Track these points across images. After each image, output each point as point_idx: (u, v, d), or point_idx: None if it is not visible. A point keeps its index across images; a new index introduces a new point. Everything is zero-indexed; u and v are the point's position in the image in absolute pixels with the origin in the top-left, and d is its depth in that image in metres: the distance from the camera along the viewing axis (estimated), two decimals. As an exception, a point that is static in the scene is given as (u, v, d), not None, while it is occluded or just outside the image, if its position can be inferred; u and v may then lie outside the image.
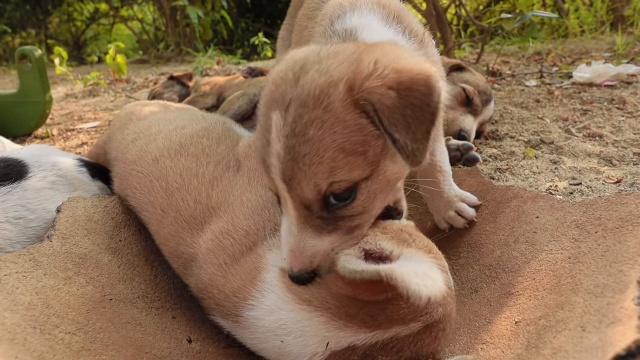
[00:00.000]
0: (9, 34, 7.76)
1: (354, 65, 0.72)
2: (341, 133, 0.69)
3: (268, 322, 0.84)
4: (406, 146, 0.68)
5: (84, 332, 0.84)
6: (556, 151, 1.66)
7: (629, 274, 0.72)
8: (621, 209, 0.87)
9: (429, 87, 0.69)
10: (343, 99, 0.69)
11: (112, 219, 1.19)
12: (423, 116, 0.69)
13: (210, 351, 0.98)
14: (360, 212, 0.77)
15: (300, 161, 0.70)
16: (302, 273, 0.78)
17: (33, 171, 1.11)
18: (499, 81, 2.86)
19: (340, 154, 0.69)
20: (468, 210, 1.18)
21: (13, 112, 2.35)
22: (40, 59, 2.26)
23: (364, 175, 0.72)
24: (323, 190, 0.71)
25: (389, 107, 0.68)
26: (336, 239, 0.78)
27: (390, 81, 0.69)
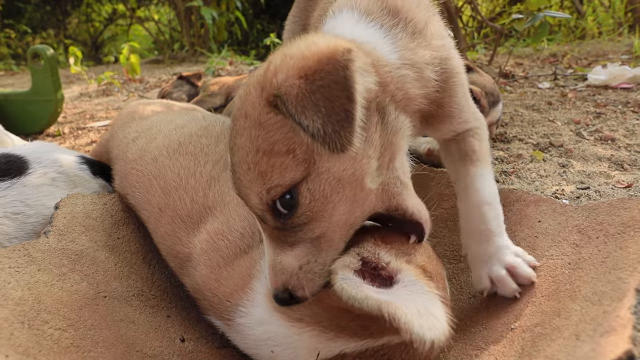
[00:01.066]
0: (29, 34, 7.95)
1: (265, 66, 0.72)
2: (260, 135, 0.68)
3: (258, 332, 0.83)
4: (318, 131, 0.61)
5: (74, 329, 0.84)
6: (565, 154, 1.62)
7: (627, 281, 0.69)
8: (624, 214, 0.84)
9: (332, 62, 0.63)
10: (256, 102, 0.69)
11: (112, 216, 1.19)
12: (334, 95, 0.62)
13: (202, 351, 0.98)
14: (313, 218, 0.70)
15: (238, 172, 0.72)
16: (278, 292, 0.75)
17: (33, 167, 1.13)
18: (511, 83, 2.81)
19: (264, 157, 0.68)
20: (525, 270, 0.88)
21: (26, 110, 2.40)
22: (52, 57, 2.30)
23: (297, 176, 0.68)
24: (264, 198, 0.70)
25: (295, 95, 0.63)
26: (302, 254, 0.73)
27: (297, 70, 0.65)
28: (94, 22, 8.53)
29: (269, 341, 0.82)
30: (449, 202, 1.33)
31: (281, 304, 0.76)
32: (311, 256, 0.73)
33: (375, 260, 0.75)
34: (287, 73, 0.66)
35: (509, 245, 0.92)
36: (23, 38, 7.95)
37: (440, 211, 1.31)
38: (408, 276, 0.73)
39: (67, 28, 8.61)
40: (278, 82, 0.66)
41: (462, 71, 0.93)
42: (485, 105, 1.64)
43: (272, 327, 0.81)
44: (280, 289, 0.74)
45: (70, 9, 8.41)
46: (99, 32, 8.50)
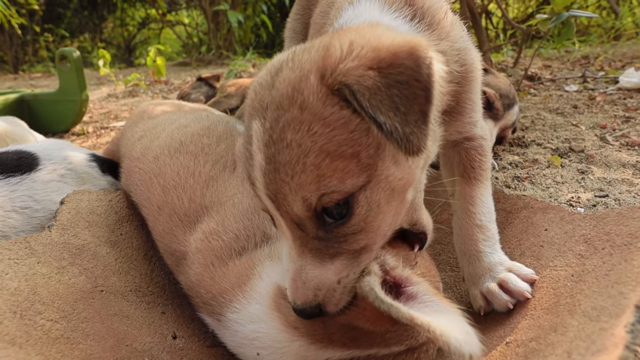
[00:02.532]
0: (67, 38, 8.32)
1: (324, 52, 0.62)
2: (322, 133, 0.59)
3: (247, 329, 0.83)
4: (396, 130, 0.56)
5: (66, 321, 0.86)
6: (586, 160, 1.54)
7: (628, 296, 0.64)
8: (632, 223, 0.78)
9: (415, 59, 0.58)
10: (317, 91, 0.60)
11: (116, 213, 1.22)
12: (413, 93, 0.57)
13: (193, 349, 0.98)
14: (364, 229, 0.65)
15: (282, 172, 0.61)
16: (306, 307, 0.68)
17: (44, 164, 1.16)
18: (536, 86, 2.71)
19: (326, 159, 0.59)
20: (517, 283, 0.86)
21: (53, 109, 2.50)
22: (78, 59, 2.39)
23: (359, 183, 0.61)
24: (313, 204, 0.61)
25: (369, 87, 0.57)
26: (341, 268, 0.67)
27: (369, 60, 0.59)
28: (128, 26, 8.84)
29: (255, 342, 0.81)
30: (455, 207, 1.28)
31: (307, 317, 0.70)
32: (350, 269, 0.67)
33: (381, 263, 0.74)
34: (359, 62, 0.59)
35: (502, 261, 0.91)
36: (62, 42, 8.32)
37: (446, 216, 1.27)
38: (425, 293, 0.70)
39: (103, 32, 8.95)
40: (347, 69, 0.58)
41: (479, 64, 0.87)
42: (499, 108, 1.58)
43: (264, 328, 0.80)
44: (310, 303, 0.67)
45: (106, 13, 8.75)
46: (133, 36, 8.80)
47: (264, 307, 0.81)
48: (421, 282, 0.72)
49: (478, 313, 0.92)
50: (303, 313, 0.69)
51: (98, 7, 8.56)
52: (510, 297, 0.86)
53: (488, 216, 0.94)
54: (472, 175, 0.94)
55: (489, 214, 0.94)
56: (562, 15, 1.99)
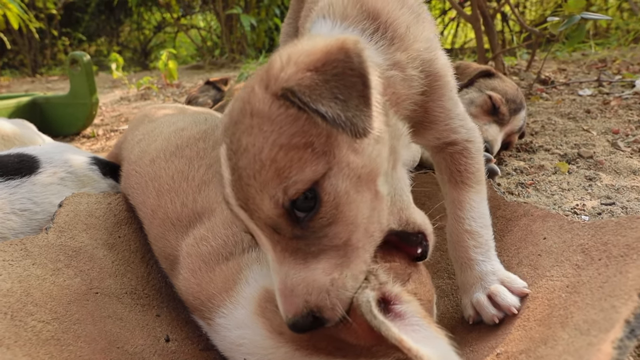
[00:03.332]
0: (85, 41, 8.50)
1: (267, 66, 0.68)
2: (272, 130, 0.63)
3: (234, 335, 0.82)
4: (338, 117, 0.60)
5: (58, 322, 0.86)
6: (594, 167, 1.50)
7: (620, 311, 0.62)
8: (630, 234, 0.75)
9: (345, 51, 0.63)
10: (263, 99, 0.65)
11: (115, 215, 1.23)
12: (350, 82, 0.62)
13: (185, 352, 0.98)
14: (339, 219, 0.65)
15: (245, 176, 0.64)
16: (298, 318, 0.64)
17: (44, 167, 1.18)
18: (548, 90, 2.66)
19: (280, 152, 0.62)
20: (506, 298, 0.84)
21: (65, 112, 2.55)
22: (88, 63, 2.43)
23: (319, 170, 0.63)
24: (280, 200, 0.62)
25: (308, 86, 0.61)
26: (330, 267, 0.65)
27: (305, 64, 0.64)
28: (144, 30, 9.00)
29: (242, 347, 0.81)
30: (456, 213, 1.26)
31: (303, 330, 0.66)
32: (342, 268, 0.65)
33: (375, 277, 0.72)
34: (296, 67, 0.64)
35: (495, 270, 0.89)
36: (80, 45, 8.51)
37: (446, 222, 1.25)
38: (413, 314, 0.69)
39: (120, 35, 9.13)
40: (287, 76, 0.63)
41: (448, 74, 0.88)
42: (505, 113, 1.55)
43: (249, 334, 0.80)
44: (302, 312, 0.64)
45: (123, 17, 8.92)
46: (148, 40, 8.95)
47: (249, 312, 0.80)
48: (411, 301, 0.71)
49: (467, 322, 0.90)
50: (297, 326, 0.65)
51: (115, 11, 8.73)
52: (498, 310, 0.84)
53: (479, 221, 0.92)
54: (459, 179, 0.93)
55: (480, 218, 0.92)
56: (574, 17, 1.95)
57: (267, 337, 0.76)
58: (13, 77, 6.59)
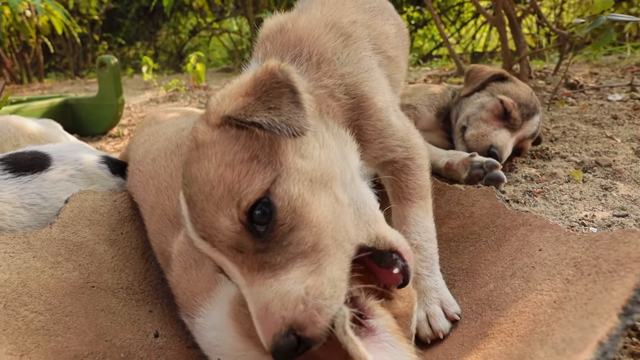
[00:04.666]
0: (124, 45, 8.87)
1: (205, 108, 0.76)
2: (216, 152, 0.66)
3: (210, 335, 0.84)
4: (273, 122, 0.64)
5: (50, 314, 0.90)
6: (612, 176, 1.42)
7: (597, 331, 0.58)
8: (621, 248, 0.71)
9: (269, 71, 0.69)
10: (204, 131, 0.69)
11: (119, 213, 1.27)
12: (279, 92, 0.67)
13: (172, 348, 1.00)
14: (300, 223, 0.62)
15: (199, 201, 0.65)
16: (279, 340, 0.58)
17: (55, 164, 1.24)
18: (576, 94, 2.54)
19: (227, 169, 0.64)
20: (440, 322, 0.88)
21: (93, 113, 2.67)
22: (115, 66, 2.54)
23: (267, 178, 0.64)
24: (236, 215, 0.62)
25: (242, 107, 0.67)
26: (301, 275, 0.61)
27: (236, 94, 0.70)
28: (180, 34, 9.28)
29: (217, 348, 0.82)
30: (456, 220, 1.23)
31: (286, 356, 0.59)
32: (316, 275, 0.61)
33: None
34: (230, 98, 0.70)
35: (437, 287, 0.93)
36: (120, 49, 8.88)
37: (446, 230, 1.22)
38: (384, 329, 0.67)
39: (157, 39, 9.46)
40: (223, 107, 0.69)
41: (374, 96, 0.91)
42: (516, 118, 1.50)
43: (223, 335, 0.81)
44: (280, 330, 0.58)
45: (161, 22, 9.24)
46: (184, 43, 9.22)
47: (223, 314, 0.81)
48: (383, 315, 0.69)
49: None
50: (280, 351, 0.58)
51: (153, 16, 9.06)
52: (432, 332, 0.88)
53: (423, 235, 0.95)
54: (402, 195, 0.97)
55: (425, 233, 0.95)
56: (600, 19, 1.85)
57: (238, 340, 0.76)
58: (57, 79, 6.96)
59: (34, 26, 4.96)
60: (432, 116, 1.68)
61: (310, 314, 0.58)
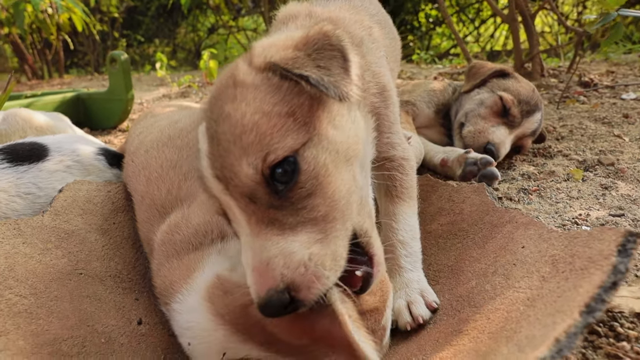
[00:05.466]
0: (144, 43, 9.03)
1: (250, 49, 0.73)
2: (256, 97, 0.64)
3: (183, 319, 0.85)
4: (322, 80, 0.62)
5: (35, 298, 0.93)
6: (614, 175, 1.37)
7: (557, 328, 0.56)
8: (596, 246, 0.68)
9: (324, 33, 0.68)
10: (246, 71, 0.67)
11: (113, 203, 1.30)
12: (330, 54, 0.66)
13: (154, 335, 1.02)
14: (317, 191, 0.63)
15: (224, 141, 0.62)
16: (272, 294, 0.59)
17: (52, 155, 1.27)
18: (589, 92, 2.47)
19: (263, 118, 0.62)
20: (420, 309, 0.88)
21: (104, 107, 2.72)
22: (126, 61, 2.59)
23: (300, 139, 0.63)
24: (260, 166, 0.61)
25: (291, 58, 0.65)
26: (308, 240, 0.61)
27: (286, 45, 0.69)
28: (199, 32, 9.41)
29: (188, 331, 0.82)
30: (447, 217, 1.21)
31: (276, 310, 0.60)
32: (320, 245, 0.62)
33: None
34: (277, 47, 0.68)
35: (419, 279, 0.94)
36: (140, 46, 9.05)
37: (436, 226, 1.20)
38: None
39: (176, 37, 9.61)
40: (270, 54, 0.67)
41: (392, 89, 0.96)
42: (516, 115, 1.46)
43: (195, 317, 0.82)
44: (277, 286, 0.59)
45: (180, 20, 9.38)
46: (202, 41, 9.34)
47: (199, 298, 0.82)
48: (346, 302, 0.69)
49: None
50: (271, 304, 0.59)
51: (173, 14, 9.20)
52: (412, 319, 0.87)
53: (410, 233, 0.98)
54: (394, 193, 0.99)
55: (411, 231, 0.98)
56: (610, 15, 1.79)
57: (209, 319, 0.77)
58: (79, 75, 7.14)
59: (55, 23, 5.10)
60: (430, 112, 1.66)
61: (309, 279, 0.60)
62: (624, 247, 0.61)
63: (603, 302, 0.55)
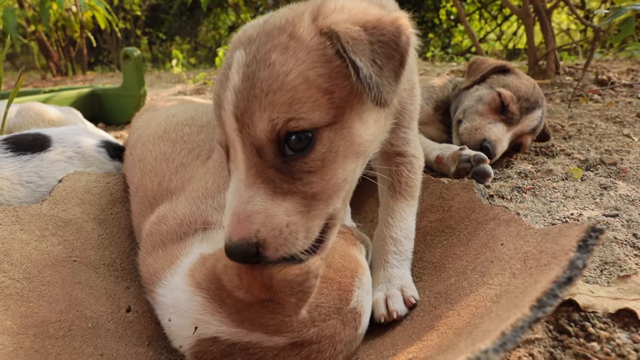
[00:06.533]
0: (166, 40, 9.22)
1: (319, 3, 0.70)
2: (306, 60, 0.63)
3: (167, 299, 0.87)
4: (370, 77, 0.61)
5: (28, 282, 0.97)
6: (615, 175, 1.34)
7: (507, 322, 0.56)
8: (561, 242, 0.67)
9: (397, 27, 0.66)
10: (308, 27, 0.65)
11: (111, 194, 1.34)
12: (391, 54, 0.64)
13: (141, 323, 1.05)
14: (319, 171, 0.65)
15: (258, 87, 0.62)
16: (242, 242, 0.63)
17: (54, 146, 1.32)
18: (603, 91, 2.39)
19: (303, 84, 0.62)
20: (396, 304, 0.89)
21: (118, 102, 2.80)
22: (138, 58, 2.65)
23: (326, 119, 0.63)
24: (278, 126, 0.62)
25: (354, 37, 0.63)
26: (292, 209, 0.65)
27: (357, 19, 0.66)
28: (220, 30, 9.53)
29: (171, 308, 0.85)
30: (435, 214, 1.20)
31: (239, 257, 0.65)
32: (300, 217, 0.65)
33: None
34: (348, 16, 0.66)
35: (402, 275, 0.94)
36: (162, 44, 9.24)
37: (425, 223, 1.20)
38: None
39: (198, 35, 9.77)
40: (338, 19, 0.65)
41: (418, 87, 0.96)
42: (514, 111, 1.44)
43: (177, 293, 0.84)
44: (250, 238, 0.63)
45: (202, 18, 9.53)
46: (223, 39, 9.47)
47: (181, 275, 0.84)
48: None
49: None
50: (237, 250, 0.63)
51: (195, 12, 9.36)
52: (387, 313, 0.87)
53: (404, 232, 0.98)
54: (398, 189, 0.98)
55: (406, 230, 0.98)
56: (622, 9, 1.74)
57: (188, 290, 0.80)
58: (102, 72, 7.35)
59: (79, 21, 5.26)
60: (430, 109, 1.64)
61: (279, 242, 0.64)
62: (585, 242, 0.60)
63: (555, 297, 0.54)
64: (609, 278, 0.85)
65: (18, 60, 8.97)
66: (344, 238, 0.91)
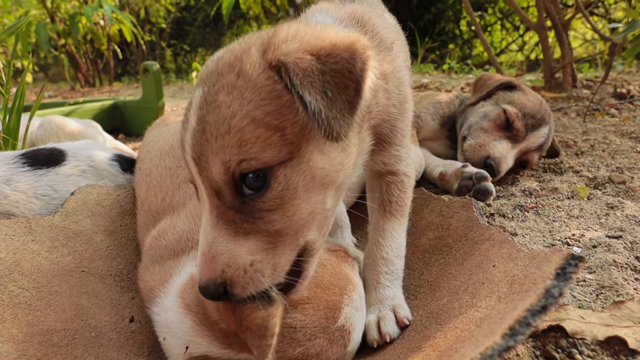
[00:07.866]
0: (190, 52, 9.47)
1: (271, 33, 0.68)
2: (252, 99, 0.62)
3: (162, 318, 0.90)
4: (319, 112, 0.59)
5: (37, 291, 1.02)
6: (623, 194, 1.31)
7: (479, 348, 0.56)
8: (543, 267, 0.67)
9: (352, 52, 0.63)
10: (255, 62, 0.64)
11: (121, 206, 1.40)
12: (344, 83, 0.61)
13: (143, 333, 1.08)
14: (279, 209, 0.65)
15: (208, 132, 0.63)
16: (210, 283, 0.65)
17: (69, 160, 1.39)
18: (621, 105, 2.33)
19: (251, 124, 0.61)
20: (389, 326, 0.88)
21: (138, 115, 2.90)
22: (157, 71, 2.74)
23: (279, 157, 0.62)
24: (231, 169, 0.62)
25: (303, 69, 0.61)
26: (255, 249, 0.66)
27: (310, 46, 0.63)
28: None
29: (164, 328, 0.88)
30: (435, 232, 1.20)
31: (210, 297, 0.68)
32: (265, 254, 0.66)
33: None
34: (299, 44, 0.64)
35: (395, 296, 0.94)
36: (186, 56, 9.50)
37: (424, 241, 1.20)
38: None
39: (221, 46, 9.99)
40: (288, 50, 0.63)
41: (410, 101, 0.93)
42: (519, 128, 1.42)
43: (170, 314, 0.87)
44: (216, 279, 0.65)
45: (225, 30, 9.76)
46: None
47: (173, 295, 0.87)
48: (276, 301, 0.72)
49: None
50: (207, 290, 0.66)
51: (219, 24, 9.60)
52: (379, 336, 0.86)
53: (395, 251, 0.97)
54: (388, 209, 0.97)
55: (397, 249, 0.97)
56: (637, 23, 1.70)
57: (179, 312, 0.83)
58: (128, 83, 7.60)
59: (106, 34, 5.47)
60: (435, 125, 1.64)
61: (245, 281, 0.66)
62: (564, 270, 0.60)
63: (528, 326, 0.54)
64: (604, 303, 0.84)
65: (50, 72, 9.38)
66: (336, 255, 0.93)
